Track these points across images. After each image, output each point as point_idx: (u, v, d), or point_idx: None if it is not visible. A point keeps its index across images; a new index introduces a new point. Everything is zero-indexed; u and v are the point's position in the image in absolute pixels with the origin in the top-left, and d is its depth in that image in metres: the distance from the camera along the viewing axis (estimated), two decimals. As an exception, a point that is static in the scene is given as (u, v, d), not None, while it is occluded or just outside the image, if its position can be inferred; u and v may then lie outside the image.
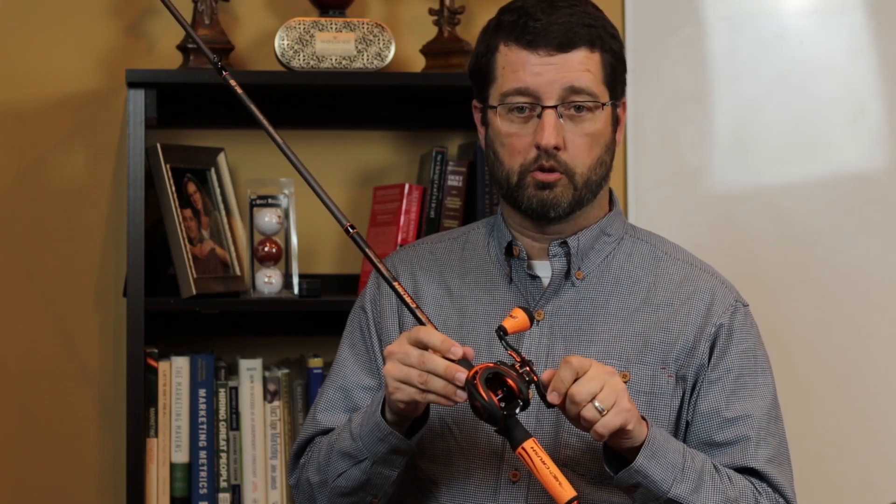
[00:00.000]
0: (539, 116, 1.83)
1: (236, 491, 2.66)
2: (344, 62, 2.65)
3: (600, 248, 1.92)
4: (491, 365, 1.67)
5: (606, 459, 1.76)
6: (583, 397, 1.67)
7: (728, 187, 2.90)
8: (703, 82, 2.91)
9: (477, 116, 1.95)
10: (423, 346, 1.70)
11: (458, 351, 1.68)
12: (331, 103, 2.84)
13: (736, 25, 2.90)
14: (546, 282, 1.90)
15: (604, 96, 1.86)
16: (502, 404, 1.65)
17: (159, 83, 2.59)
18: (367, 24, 2.66)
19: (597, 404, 1.66)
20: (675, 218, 2.87)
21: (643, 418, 1.75)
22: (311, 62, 2.64)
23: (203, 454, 2.64)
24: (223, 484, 2.65)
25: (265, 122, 1.82)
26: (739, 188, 2.90)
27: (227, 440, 2.65)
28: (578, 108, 1.84)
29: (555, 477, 1.62)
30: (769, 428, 1.88)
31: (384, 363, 1.75)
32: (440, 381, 1.67)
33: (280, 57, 2.64)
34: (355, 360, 1.96)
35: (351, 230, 1.75)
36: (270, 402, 2.67)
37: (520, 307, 1.73)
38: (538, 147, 1.83)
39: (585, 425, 1.68)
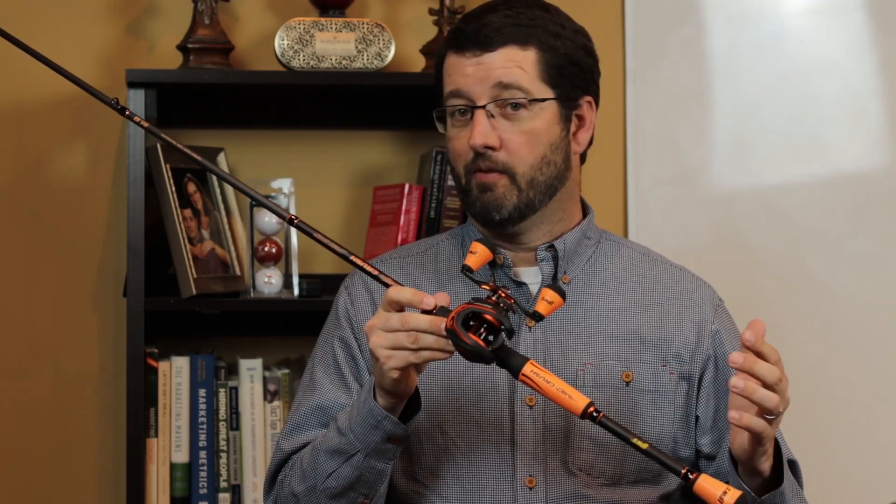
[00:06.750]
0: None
1: (236, 491, 2.66)
2: (344, 62, 2.65)
3: (582, 252, 1.91)
4: (466, 306, 1.61)
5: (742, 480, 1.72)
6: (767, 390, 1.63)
7: (728, 187, 2.90)
8: (703, 82, 2.90)
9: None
10: (399, 307, 1.64)
11: (430, 301, 1.62)
12: (331, 103, 2.84)
13: (736, 25, 2.90)
14: (533, 288, 1.88)
15: (542, 93, 1.84)
16: (490, 337, 1.60)
17: (159, 83, 2.59)
18: (367, 24, 2.66)
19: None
20: (675, 218, 2.87)
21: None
22: (311, 62, 2.64)
23: (203, 454, 2.64)
24: (223, 484, 2.65)
25: (185, 149, 1.78)
26: (739, 188, 2.90)
27: (227, 440, 2.65)
28: (515, 107, 1.83)
29: (563, 391, 1.57)
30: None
31: (367, 342, 1.67)
32: (430, 335, 1.61)
33: (280, 57, 2.64)
34: (329, 379, 1.90)
35: (294, 220, 1.70)
36: (270, 402, 2.67)
37: (476, 240, 1.68)
38: (472, 148, 1.83)
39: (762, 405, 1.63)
